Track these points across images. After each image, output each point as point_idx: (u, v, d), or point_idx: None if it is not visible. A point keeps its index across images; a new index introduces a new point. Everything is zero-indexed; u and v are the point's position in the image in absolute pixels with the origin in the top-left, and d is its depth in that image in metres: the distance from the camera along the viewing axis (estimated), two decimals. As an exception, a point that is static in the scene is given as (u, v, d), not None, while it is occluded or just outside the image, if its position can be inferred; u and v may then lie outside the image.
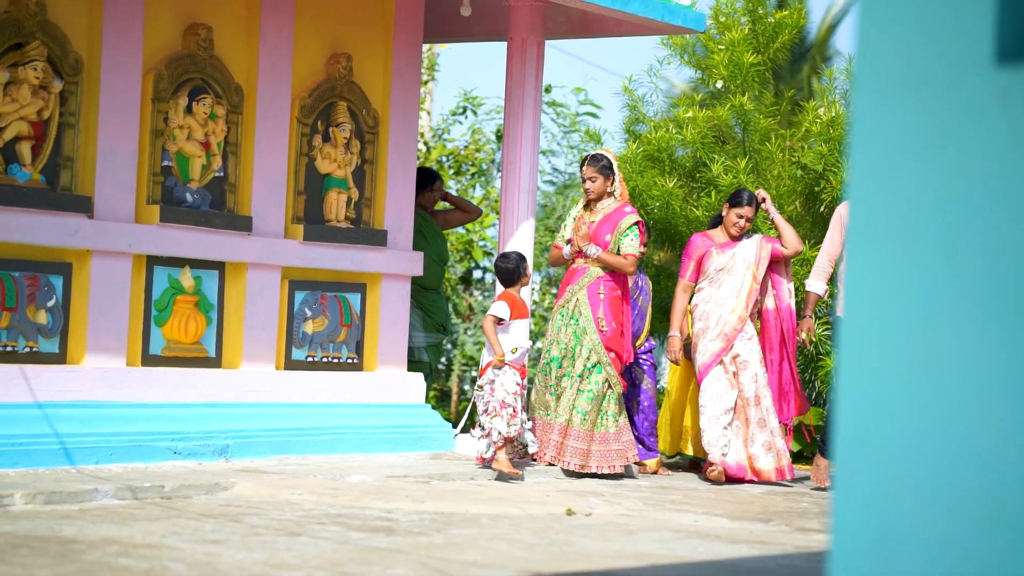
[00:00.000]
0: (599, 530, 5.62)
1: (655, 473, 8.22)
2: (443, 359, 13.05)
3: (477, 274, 13.23)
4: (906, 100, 2.50)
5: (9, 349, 6.70)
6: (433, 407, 9.75)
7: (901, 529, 2.46)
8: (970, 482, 2.39)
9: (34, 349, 6.80)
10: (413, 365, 9.12)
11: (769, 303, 8.17)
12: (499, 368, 7.36)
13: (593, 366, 7.67)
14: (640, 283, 8.40)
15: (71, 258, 6.99)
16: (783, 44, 10.07)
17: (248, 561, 4.39)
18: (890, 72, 2.52)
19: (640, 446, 8.21)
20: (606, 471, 7.63)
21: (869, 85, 2.55)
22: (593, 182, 7.86)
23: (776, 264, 8.15)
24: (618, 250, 7.80)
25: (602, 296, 7.74)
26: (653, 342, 8.56)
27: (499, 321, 7.46)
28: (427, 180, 9.33)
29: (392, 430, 8.13)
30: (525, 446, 7.49)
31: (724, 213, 8.09)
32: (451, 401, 12.60)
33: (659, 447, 8.43)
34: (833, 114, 9.62)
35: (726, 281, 8.00)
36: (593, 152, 8.08)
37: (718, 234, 8.10)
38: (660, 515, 6.25)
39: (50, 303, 6.87)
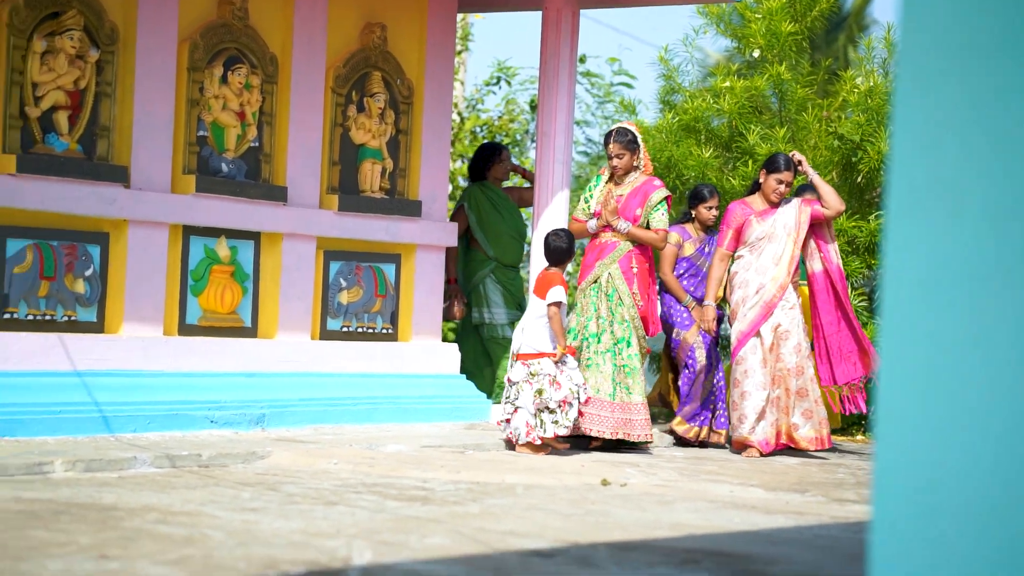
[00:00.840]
0: (635, 500, 5.62)
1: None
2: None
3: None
4: (951, 65, 2.46)
5: (48, 318, 6.75)
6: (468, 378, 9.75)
7: (944, 501, 2.44)
8: (1015, 454, 2.37)
9: (72, 318, 6.85)
10: (494, 343, 9.08)
11: (816, 266, 7.98)
12: (561, 360, 7.16)
13: (625, 339, 7.62)
14: (708, 249, 8.30)
15: (108, 228, 7.02)
16: (820, 13, 9.98)
17: (286, 529, 4.42)
18: (935, 40, 2.49)
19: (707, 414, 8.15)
20: (644, 439, 7.58)
21: (913, 54, 2.52)
22: (620, 158, 7.76)
23: (818, 226, 7.96)
24: (647, 224, 7.74)
25: (635, 270, 7.68)
26: (720, 310, 8.35)
27: (559, 306, 7.25)
28: (494, 153, 9.20)
29: (427, 400, 8.15)
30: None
31: (762, 180, 7.97)
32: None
33: None
34: (871, 84, 9.53)
35: (767, 248, 7.87)
36: (617, 127, 7.96)
37: (756, 201, 7.99)
38: (696, 486, 6.25)
39: (88, 272, 6.91)
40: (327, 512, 4.82)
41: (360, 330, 8.16)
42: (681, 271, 8.26)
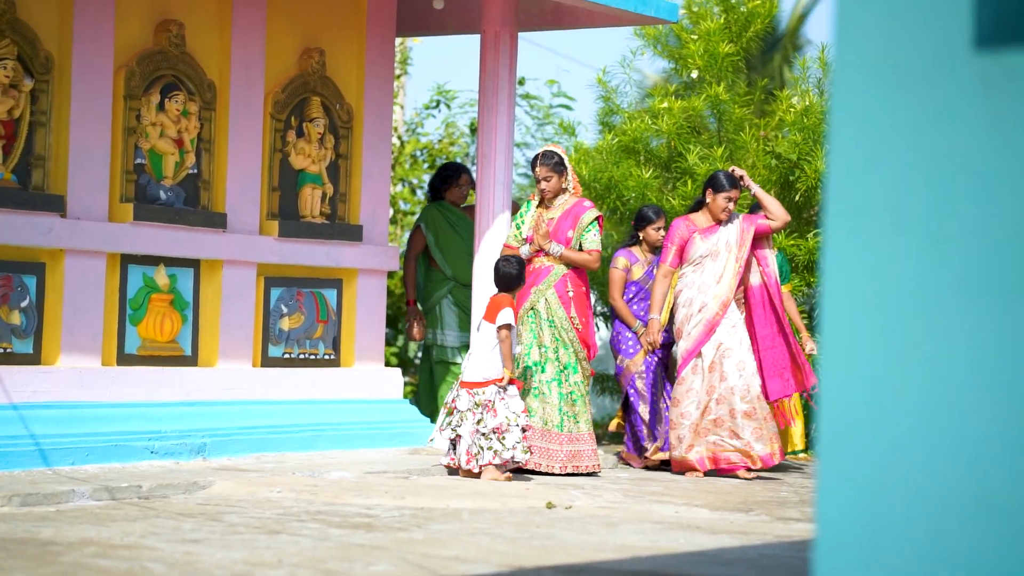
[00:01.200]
0: (580, 523, 5.61)
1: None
2: (420, 354, 13.00)
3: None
4: (886, 86, 2.49)
5: (-17, 350, 6.64)
6: (411, 402, 9.71)
7: (886, 518, 2.45)
8: (957, 470, 2.38)
9: (8, 350, 6.74)
10: (442, 365, 8.95)
11: (754, 279, 7.94)
12: (506, 386, 7.05)
13: (569, 366, 7.58)
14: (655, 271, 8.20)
15: (44, 258, 6.93)
16: (755, 33, 10.07)
17: (228, 560, 4.36)
18: (870, 58, 2.51)
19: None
20: (592, 470, 7.53)
21: (848, 72, 2.54)
22: (548, 181, 7.73)
23: (760, 239, 7.92)
24: (580, 246, 7.70)
25: (571, 293, 7.62)
26: (670, 336, 8.20)
27: (509, 329, 7.13)
28: (453, 174, 9.11)
29: (370, 426, 8.10)
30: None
31: (709, 199, 7.88)
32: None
33: None
34: (807, 103, 9.63)
35: (709, 266, 7.83)
36: (542, 150, 7.93)
37: (700, 218, 7.92)
38: (641, 507, 6.25)
39: (23, 303, 6.81)
40: (270, 541, 4.77)
41: (302, 356, 8.10)
42: (630, 295, 8.21)
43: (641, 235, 8.28)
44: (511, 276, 7.28)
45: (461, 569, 4.37)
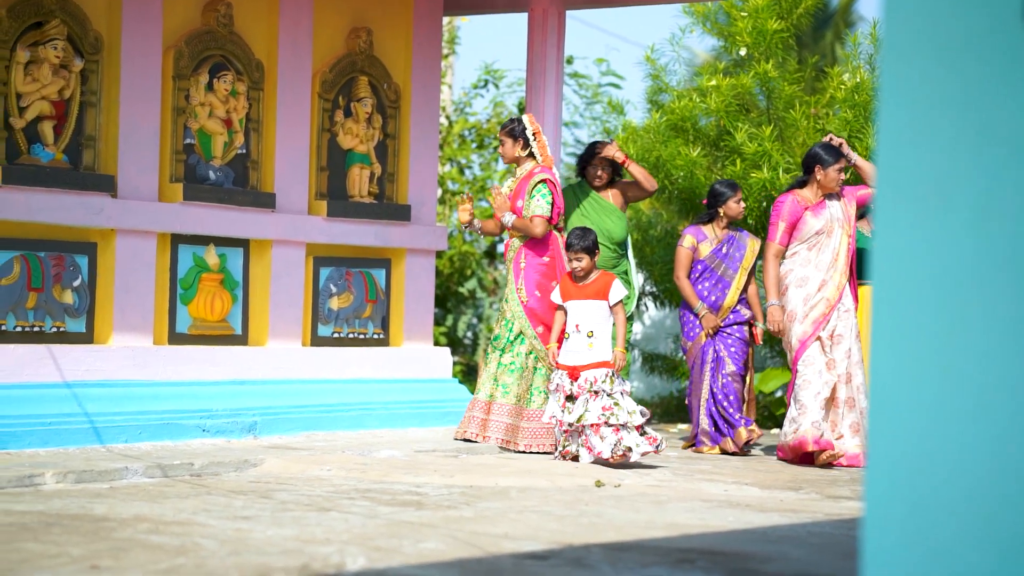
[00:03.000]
0: (629, 501, 5.61)
1: (748, 443, 7.65)
2: (469, 333, 13.04)
3: (501, 248, 13.19)
4: (934, 61, 2.46)
5: (36, 329, 6.72)
6: (460, 382, 9.75)
7: (934, 496, 2.43)
8: (1005, 449, 2.36)
9: (61, 329, 6.82)
10: None
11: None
12: (617, 370, 6.80)
13: (516, 337, 7.35)
14: (728, 250, 7.84)
15: (96, 238, 7.00)
16: (806, 10, 9.97)
17: (279, 537, 4.40)
18: (918, 33, 2.48)
19: (714, 431, 7.72)
20: (535, 450, 7.25)
21: (897, 46, 2.51)
22: (503, 145, 7.54)
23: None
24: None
25: (523, 265, 7.40)
26: (743, 314, 7.84)
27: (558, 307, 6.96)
28: (589, 154, 8.37)
29: (419, 405, 8.14)
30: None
31: (818, 175, 7.39)
32: (478, 376, 12.59)
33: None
34: (858, 80, 9.52)
35: (826, 244, 7.37)
36: (512, 117, 7.79)
37: (807, 194, 7.45)
38: (690, 485, 6.24)
39: (76, 283, 6.88)
40: (320, 519, 4.81)
41: (351, 335, 8.14)
42: (696, 274, 7.86)
43: (722, 210, 7.83)
44: (596, 243, 6.99)
45: (510, 546, 4.38)
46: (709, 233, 7.91)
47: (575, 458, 6.88)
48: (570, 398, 6.85)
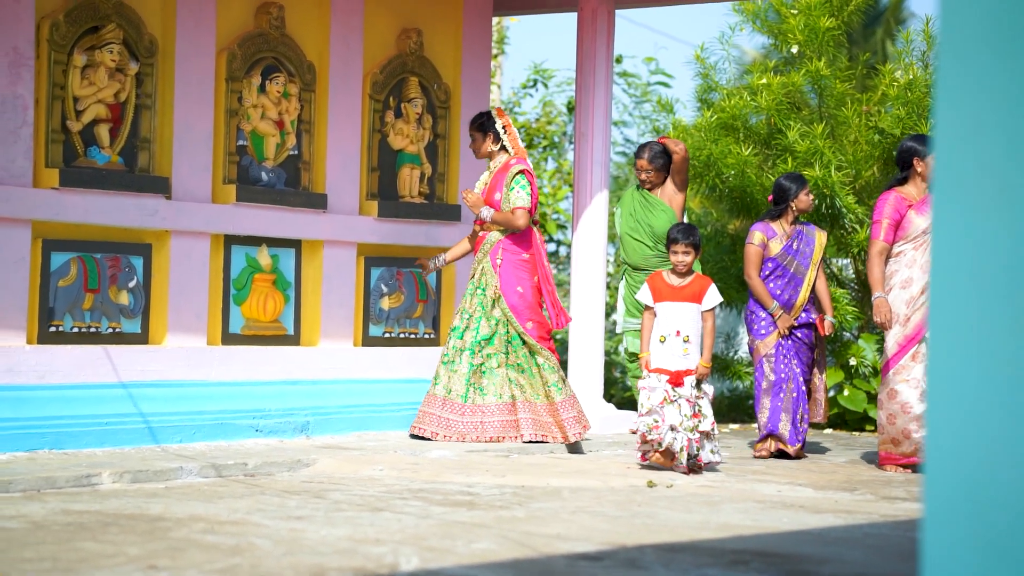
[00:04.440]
0: (682, 501, 5.59)
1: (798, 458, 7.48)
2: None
3: (551, 247, 13.19)
4: (992, 57, 2.43)
5: (93, 330, 6.80)
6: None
7: (996, 497, 2.41)
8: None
9: (117, 330, 6.89)
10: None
11: None
12: (702, 379, 6.60)
13: (514, 337, 7.30)
14: (798, 245, 7.63)
15: (150, 239, 7.06)
16: (857, 6, 9.90)
17: (333, 537, 4.42)
18: (975, 29, 2.46)
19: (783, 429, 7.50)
20: (552, 440, 7.25)
21: (954, 43, 2.49)
22: (473, 141, 7.53)
23: None
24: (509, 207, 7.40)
25: (499, 262, 7.34)
26: (812, 315, 7.63)
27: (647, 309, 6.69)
28: (637, 153, 8.24)
29: (470, 404, 8.14)
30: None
31: (918, 168, 7.13)
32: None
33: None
34: (910, 77, 9.44)
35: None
36: (480, 112, 7.68)
37: (911, 191, 7.16)
38: (743, 486, 6.21)
39: (131, 284, 6.95)
40: (373, 519, 4.83)
41: (402, 335, 8.17)
42: (767, 272, 7.62)
43: (793, 204, 7.61)
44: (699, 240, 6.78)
45: (563, 547, 4.38)
46: (778, 229, 7.65)
47: (668, 455, 6.54)
48: (672, 402, 6.52)
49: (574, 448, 7.31)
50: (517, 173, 7.37)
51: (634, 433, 6.67)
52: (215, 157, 7.32)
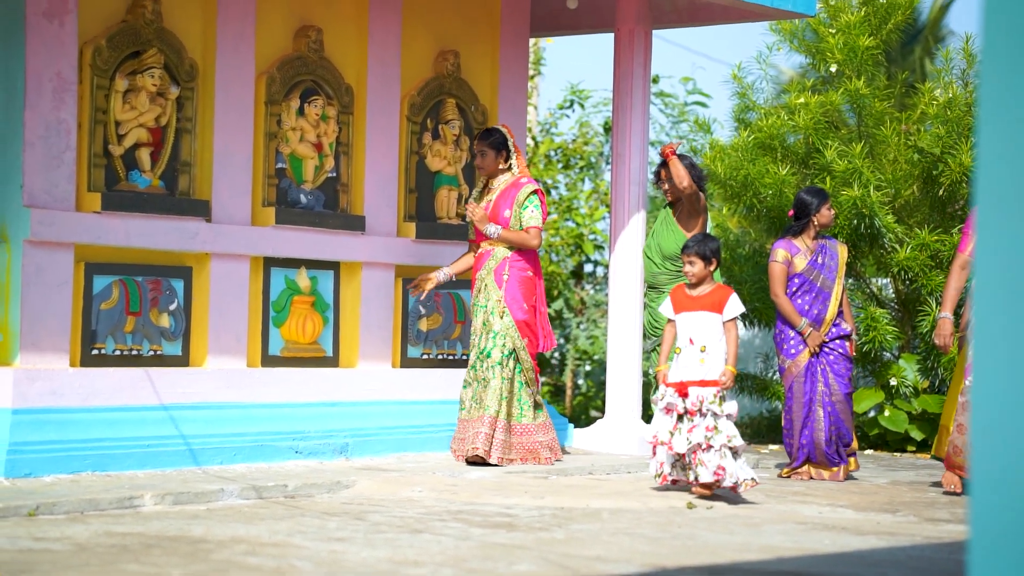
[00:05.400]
0: (722, 523, 5.56)
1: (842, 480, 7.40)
2: (556, 354, 13.02)
3: (588, 268, 13.19)
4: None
5: (135, 353, 6.84)
6: (548, 402, 9.74)
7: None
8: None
9: (158, 352, 6.94)
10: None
11: None
12: (726, 390, 6.37)
13: (509, 354, 7.25)
14: (823, 259, 7.54)
15: (191, 262, 7.11)
16: (896, 25, 9.87)
17: (373, 559, 4.42)
18: (1017, 47, 2.44)
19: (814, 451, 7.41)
20: (531, 462, 7.20)
21: (997, 61, 2.47)
22: (484, 156, 7.45)
23: None
24: (520, 226, 7.37)
25: (506, 278, 7.31)
26: (844, 327, 7.54)
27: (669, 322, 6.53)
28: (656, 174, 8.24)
29: (509, 425, 8.12)
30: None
31: None
32: (565, 396, 12.59)
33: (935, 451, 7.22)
34: (950, 95, 9.40)
35: None
36: (489, 127, 7.64)
37: None
38: (783, 507, 6.17)
39: (172, 306, 7.00)
40: (413, 540, 4.82)
41: (440, 357, 8.17)
42: (793, 288, 7.54)
43: (815, 218, 7.54)
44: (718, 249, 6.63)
45: (603, 569, 4.37)
46: (801, 245, 7.58)
47: (675, 481, 6.46)
48: (680, 417, 6.36)
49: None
50: (531, 193, 7.37)
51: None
52: (254, 180, 7.37)
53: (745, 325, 10.69)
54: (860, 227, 9.27)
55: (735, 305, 6.46)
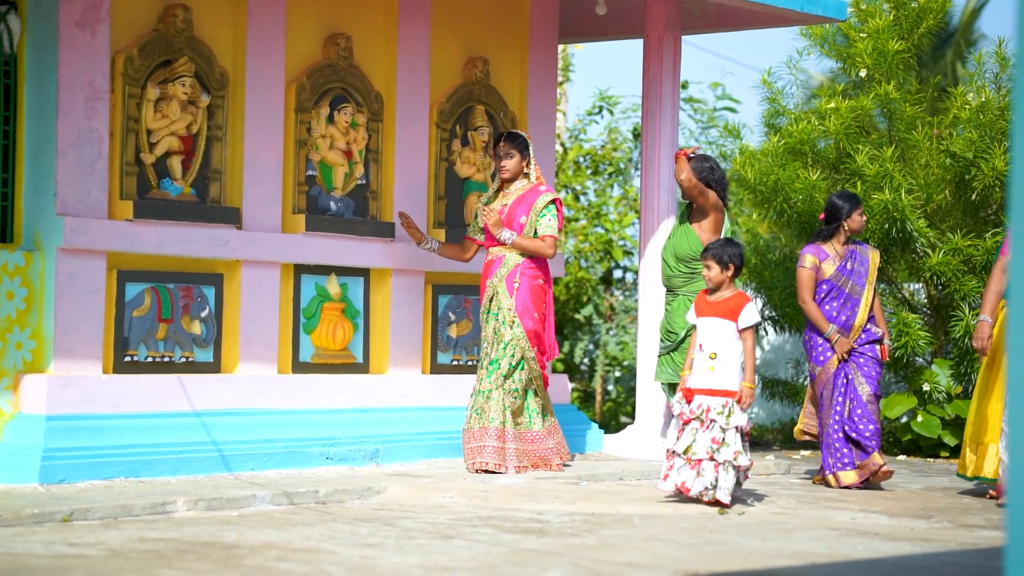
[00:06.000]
0: (754, 529, 5.54)
1: (877, 474, 7.24)
2: (586, 360, 13.01)
3: (617, 274, 13.17)
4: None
5: (167, 359, 6.88)
6: (578, 408, 9.73)
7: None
8: None
9: (190, 359, 6.97)
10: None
11: None
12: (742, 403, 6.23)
13: (517, 363, 7.19)
14: (852, 265, 7.46)
15: (222, 269, 7.14)
16: (927, 29, 9.82)
17: (404, 564, 4.42)
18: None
19: (846, 456, 7.28)
20: (542, 469, 7.15)
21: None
22: (510, 159, 7.37)
23: None
24: (535, 233, 7.31)
25: (517, 285, 7.23)
26: (874, 332, 7.43)
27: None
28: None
29: (539, 432, 8.12)
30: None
31: None
32: (595, 402, 12.57)
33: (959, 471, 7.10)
34: (983, 99, 9.34)
35: None
36: (510, 131, 7.58)
37: None
38: (816, 513, 6.14)
39: (203, 313, 7.03)
40: (444, 546, 4.83)
41: (470, 363, 8.18)
42: (822, 294, 7.44)
43: (846, 223, 7.45)
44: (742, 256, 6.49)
45: (635, 575, 4.35)
46: (830, 250, 7.50)
47: (682, 491, 6.26)
48: (688, 423, 6.28)
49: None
50: (550, 201, 7.32)
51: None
52: (284, 187, 7.40)
53: (776, 331, 10.65)
54: (891, 231, 9.23)
55: (751, 314, 6.31)
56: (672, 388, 7.71)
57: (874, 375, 7.39)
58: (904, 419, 9.61)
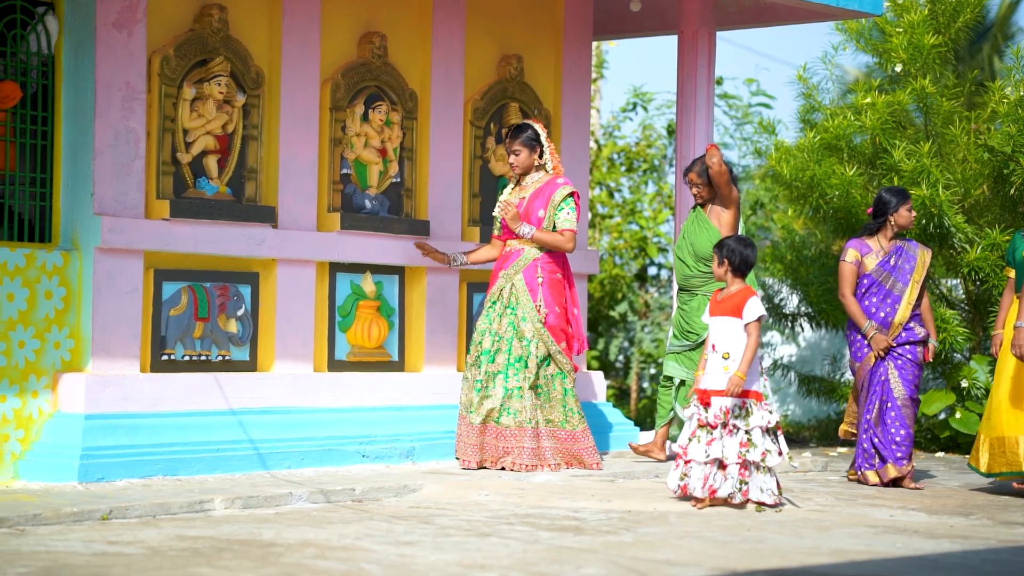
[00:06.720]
0: (792, 526, 5.51)
1: (895, 481, 7.14)
2: (621, 357, 12.99)
3: (652, 271, 13.14)
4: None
5: (203, 358, 6.91)
6: (614, 405, 9.71)
7: None
8: None
9: (226, 357, 7.00)
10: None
11: None
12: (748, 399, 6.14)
13: (543, 359, 7.10)
14: (896, 261, 7.34)
15: (258, 267, 7.17)
16: (964, 23, 9.74)
17: (441, 562, 4.43)
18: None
19: (874, 458, 7.20)
20: (575, 467, 7.07)
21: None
22: (517, 155, 7.27)
23: None
24: (554, 227, 7.22)
25: (540, 280, 7.14)
26: (917, 332, 7.31)
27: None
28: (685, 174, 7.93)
29: (575, 429, 8.10)
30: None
31: None
32: (630, 399, 12.55)
33: (971, 462, 7.12)
34: (1021, 93, 9.25)
35: None
36: (518, 123, 7.46)
37: None
38: (854, 510, 6.10)
39: (240, 312, 7.06)
40: (481, 544, 4.83)
41: (505, 361, 8.16)
42: (862, 289, 7.33)
43: (892, 219, 7.34)
44: (752, 259, 6.34)
45: (672, 572, 4.34)
46: (874, 245, 7.38)
47: (696, 499, 6.10)
48: (703, 426, 6.11)
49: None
50: (568, 195, 7.23)
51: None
52: (320, 186, 7.42)
53: (812, 327, 10.60)
54: (929, 227, 9.16)
55: (754, 307, 6.18)
56: (669, 382, 7.66)
57: (911, 377, 7.26)
58: (942, 416, 9.54)
